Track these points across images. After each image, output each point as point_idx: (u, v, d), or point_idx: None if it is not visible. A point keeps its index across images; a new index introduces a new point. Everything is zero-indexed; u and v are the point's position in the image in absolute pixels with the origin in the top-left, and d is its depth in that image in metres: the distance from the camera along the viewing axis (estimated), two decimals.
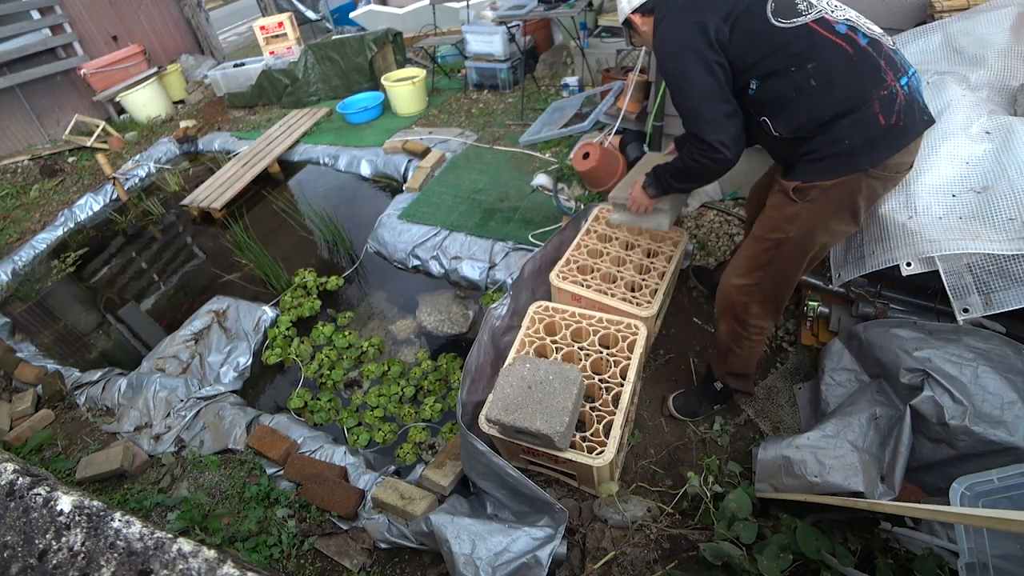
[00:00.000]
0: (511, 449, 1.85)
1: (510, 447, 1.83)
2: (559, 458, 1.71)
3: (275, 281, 3.19)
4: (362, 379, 2.63)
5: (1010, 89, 1.74)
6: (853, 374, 1.85)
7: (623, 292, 2.16)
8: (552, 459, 1.76)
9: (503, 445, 1.85)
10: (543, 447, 1.68)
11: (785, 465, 1.62)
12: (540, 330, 2.05)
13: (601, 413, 1.79)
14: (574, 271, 2.27)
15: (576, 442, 1.72)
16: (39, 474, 1.05)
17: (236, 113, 5.75)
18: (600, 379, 1.87)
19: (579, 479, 1.87)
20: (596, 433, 1.74)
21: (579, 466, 1.70)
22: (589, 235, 2.41)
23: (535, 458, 1.84)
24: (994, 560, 1.16)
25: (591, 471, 1.68)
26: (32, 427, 2.63)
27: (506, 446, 1.84)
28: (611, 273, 2.25)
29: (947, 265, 1.47)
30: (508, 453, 1.90)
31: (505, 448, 1.87)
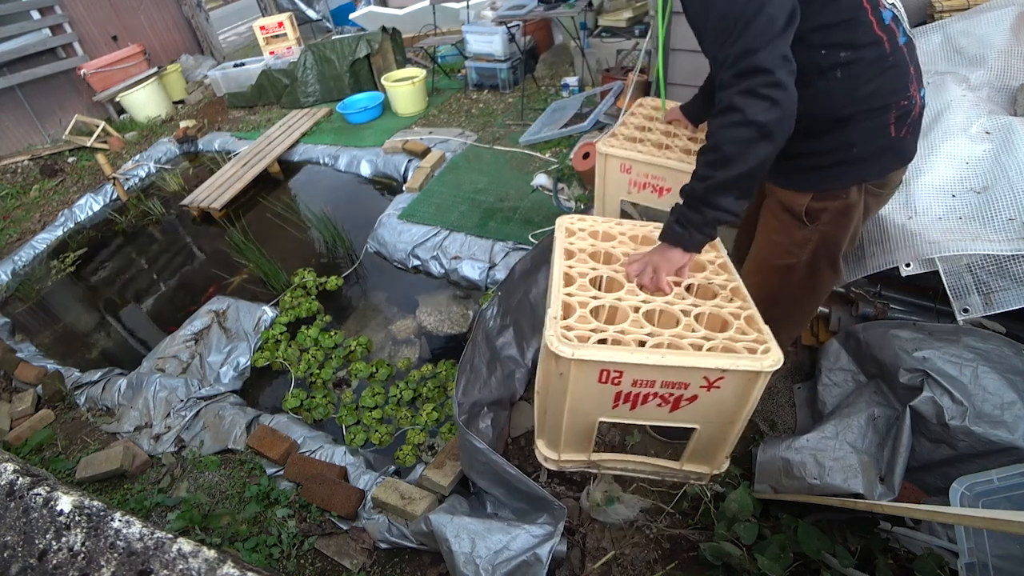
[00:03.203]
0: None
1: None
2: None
3: (274, 281, 3.19)
4: (350, 378, 2.63)
5: (1010, 89, 1.74)
6: (850, 374, 1.85)
7: (680, 155, 1.81)
8: (669, 399, 1.25)
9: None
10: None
11: (785, 467, 1.62)
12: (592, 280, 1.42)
13: (731, 309, 1.29)
14: (623, 141, 1.94)
15: (724, 344, 1.19)
16: (39, 474, 1.05)
17: (236, 113, 5.75)
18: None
19: (702, 432, 1.31)
20: (744, 330, 1.23)
21: (736, 378, 1.17)
22: (626, 125, 2.06)
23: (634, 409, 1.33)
24: (994, 560, 1.16)
25: (752, 381, 1.18)
26: (32, 427, 2.63)
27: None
28: (663, 142, 1.91)
29: (947, 265, 1.47)
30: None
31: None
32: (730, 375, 1.16)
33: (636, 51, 3.86)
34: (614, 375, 1.18)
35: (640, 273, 1.33)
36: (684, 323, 1.25)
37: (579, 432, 1.35)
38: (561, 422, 1.32)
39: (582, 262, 1.43)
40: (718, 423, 1.30)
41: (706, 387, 1.19)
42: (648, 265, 1.31)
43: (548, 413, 1.35)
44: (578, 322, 1.22)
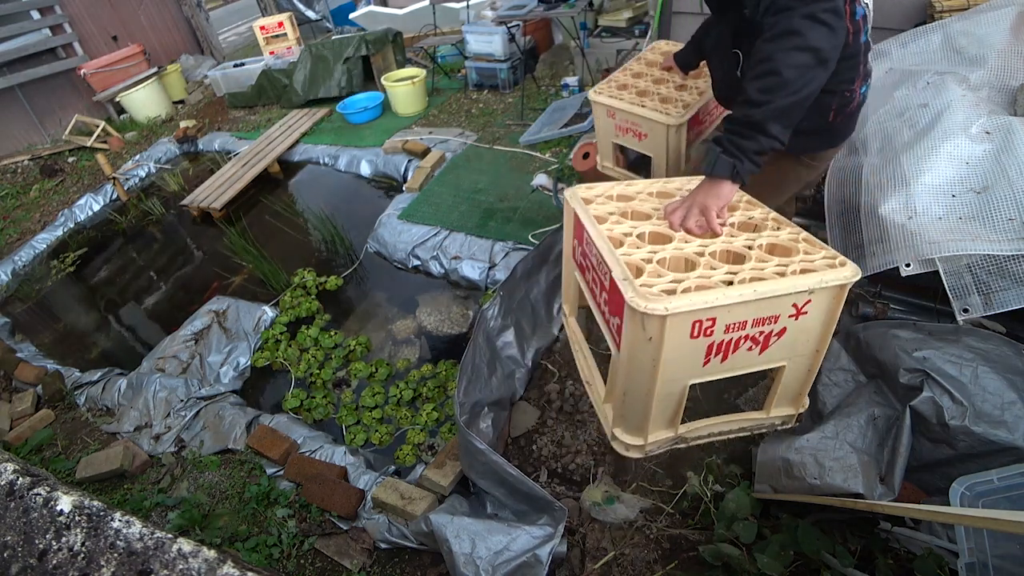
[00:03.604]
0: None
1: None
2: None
3: (274, 281, 3.19)
4: (350, 377, 2.63)
5: (1010, 89, 1.74)
6: (850, 374, 1.85)
7: (656, 104, 1.93)
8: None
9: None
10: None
11: (785, 467, 1.62)
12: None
13: (786, 235, 1.26)
14: (612, 88, 2.09)
15: (803, 267, 1.14)
16: (39, 474, 1.05)
17: (236, 113, 5.75)
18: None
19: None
20: (809, 251, 1.20)
21: (823, 297, 1.12)
22: (625, 72, 2.18)
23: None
24: (994, 560, 1.16)
25: (838, 297, 1.14)
26: (32, 427, 2.63)
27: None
28: (649, 90, 2.02)
29: (947, 265, 1.47)
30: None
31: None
32: (817, 295, 1.11)
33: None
34: (707, 325, 1.08)
35: (686, 217, 1.25)
36: (755, 257, 1.18)
37: (667, 405, 1.23)
38: (649, 399, 1.19)
39: (617, 223, 1.32)
40: (805, 354, 1.23)
41: (794, 315, 1.13)
42: (694, 207, 1.24)
43: (628, 394, 1.22)
44: (651, 278, 1.11)
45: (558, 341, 2.44)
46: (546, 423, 2.14)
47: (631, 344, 1.12)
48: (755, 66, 1.15)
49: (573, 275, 1.60)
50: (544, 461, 2.04)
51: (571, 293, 1.69)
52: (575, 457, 2.01)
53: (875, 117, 1.85)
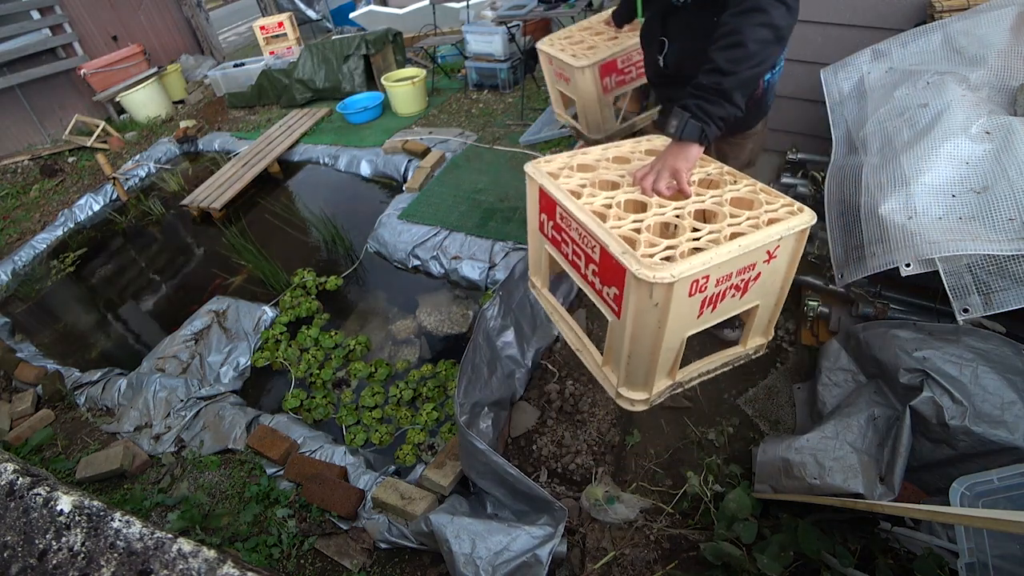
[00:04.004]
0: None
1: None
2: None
3: (274, 281, 3.18)
4: (350, 377, 2.63)
5: (1010, 89, 1.74)
6: (850, 374, 1.85)
7: (574, 50, 2.24)
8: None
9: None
10: None
11: (785, 467, 1.62)
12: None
13: (745, 188, 1.36)
14: (555, 39, 2.42)
15: (769, 218, 1.24)
16: (39, 474, 1.05)
17: (236, 113, 5.75)
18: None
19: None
20: (770, 201, 1.29)
21: (789, 242, 1.25)
22: (575, 27, 2.48)
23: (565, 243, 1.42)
24: (994, 560, 1.16)
25: (800, 240, 1.25)
26: (32, 427, 2.63)
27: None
28: (583, 40, 2.33)
29: (947, 265, 1.47)
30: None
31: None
32: (785, 241, 1.23)
33: None
34: (702, 283, 1.18)
35: (656, 181, 1.32)
36: (728, 213, 1.27)
37: (668, 358, 1.34)
38: (655, 356, 1.28)
39: (593, 196, 1.37)
40: (774, 292, 1.38)
41: (767, 260, 1.26)
42: (664, 170, 1.31)
43: (633, 355, 1.29)
44: (648, 248, 1.18)
45: (558, 341, 2.44)
46: (546, 423, 2.14)
47: (637, 311, 1.19)
48: (722, 38, 1.22)
49: (543, 249, 1.63)
50: (544, 461, 2.04)
51: (541, 266, 1.72)
52: (575, 457, 2.01)
53: (875, 117, 1.85)
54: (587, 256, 1.33)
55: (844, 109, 2.01)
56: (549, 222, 1.51)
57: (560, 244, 1.49)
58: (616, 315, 1.28)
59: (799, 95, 2.49)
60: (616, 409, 2.14)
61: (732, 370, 2.28)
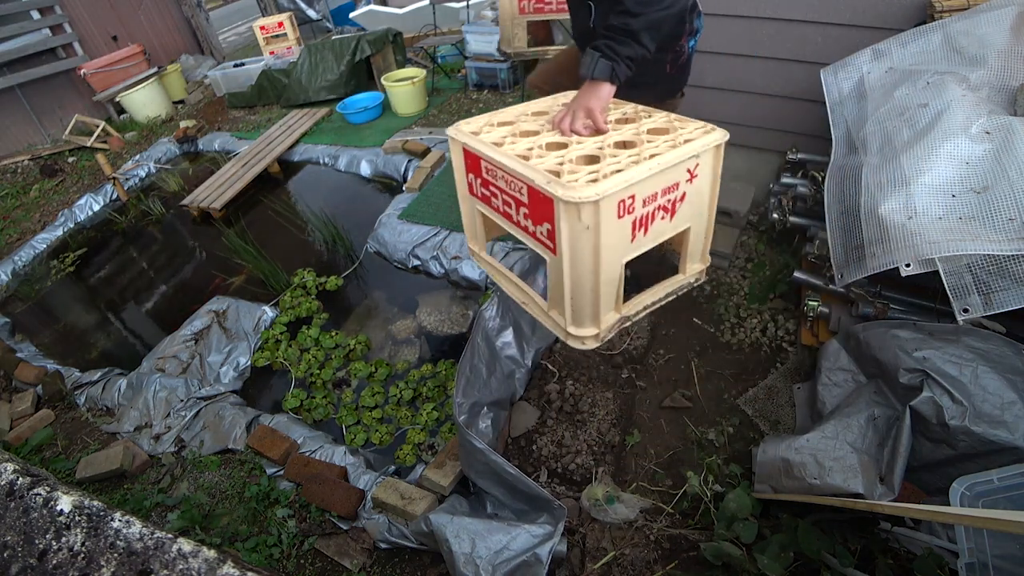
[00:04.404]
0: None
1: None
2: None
3: (274, 281, 3.18)
4: (350, 377, 2.63)
5: (1010, 89, 1.74)
6: (850, 374, 1.85)
7: None
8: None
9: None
10: None
11: (785, 467, 1.62)
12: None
13: (659, 120, 1.43)
14: None
15: (684, 139, 1.31)
16: (39, 474, 1.05)
17: (236, 113, 5.75)
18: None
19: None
20: (684, 125, 1.36)
21: (707, 159, 1.32)
22: None
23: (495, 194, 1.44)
24: (994, 560, 1.16)
25: (717, 156, 1.33)
26: (32, 427, 2.63)
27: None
28: None
29: (947, 265, 1.47)
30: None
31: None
32: (703, 158, 1.31)
33: None
34: (629, 203, 1.23)
35: (573, 121, 1.37)
36: (646, 140, 1.33)
37: (610, 289, 1.36)
38: (596, 287, 1.31)
39: (515, 144, 1.39)
40: (702, 213, 1.44)
41: (689, 180, 1.34)
42: (579, 110, 1.36)
43: (575, 290, 1.33)
44: (571, 175, 1.21)
45: (558, 341, 2.44)
46: (546, 423, 2.14)
47: (571, 239, 1.22)
48: None
49: (475, 211, 1.66)
50: (544, 461, 2.04)
51: (476, 229, 1.73)
52: (575, 457, 2.01)
53: (875, 117, 1.85)
54: (516, 201, 1.36)
55: (844, 109, 2.01)
56: (477, 180, 1.52)
57: (490, 200, 1.50)
58: (553, 252, 1.30)
59: (799, 95, 2.49)
60: (616, 409, 2.14)
61: (732, 371, 2.29)
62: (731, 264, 2.71)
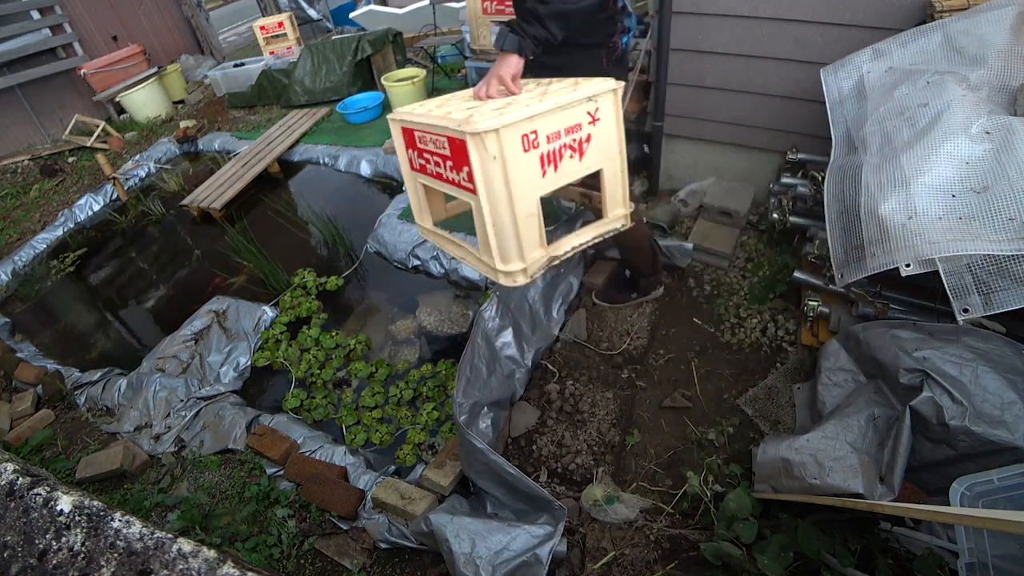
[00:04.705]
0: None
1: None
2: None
3: (274, 281, 3.19)
4: (351, 377, 2.63)
5: (1010, 89, 1.74)
6: (850, 374, 1.85)
7: None
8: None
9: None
10: None
11: (785, 467, 1.62)
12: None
13: (567, 83, 1.58)
14: None
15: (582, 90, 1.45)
16: (39, 474, 1.05)
17: (236, 113, 5.75)
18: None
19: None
20: (586, 83, 1.48)
21: (606, 103, 1.46)
22: None
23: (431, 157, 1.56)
24: (994, 560, 1.16)
25: (615, 102, 1.44)
26: (32, 427, 2.63)
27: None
28: None
29: (947, 265, 1.47)
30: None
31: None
32: (601, 102, 1.43)
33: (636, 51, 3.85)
34: (532, 138, 1.36)
35: (488, 87, 1.55)
36: (550, 91, 1.48)
37: (531, 225, 1.46)
38: (514, 219, 1.41)
39: (441, 110, 1.54)
40: (613, 156, 1.54)
41: (592, 122, 1.45)
42: (492, 78, 1.55)
43: (497, 225, 1.42)
44: (478, 117, 1.33)
45: (558, 341, 2.44)
46: (546, 423, 2.14)
47: (483, 172, 1.33)
48: None
49: (417, 185, 1.79)
50: (544, 461, 2.04)
51: (421, 204, 1.87)
52: (575, 457, 2.01)
53: (875, 116, 1.85)
54: (443, 156, 1.46)
55: (844, 108, 2.01)
56: (414, 152, 1.63)
57: (425, 167, 1.60)
58: (473, 192, 1.39)
59: (799, 95, 2.49)
60: (616, 409, 2.14)
61: (732, 371, 2.28)
62: (731, 264, 2.71)
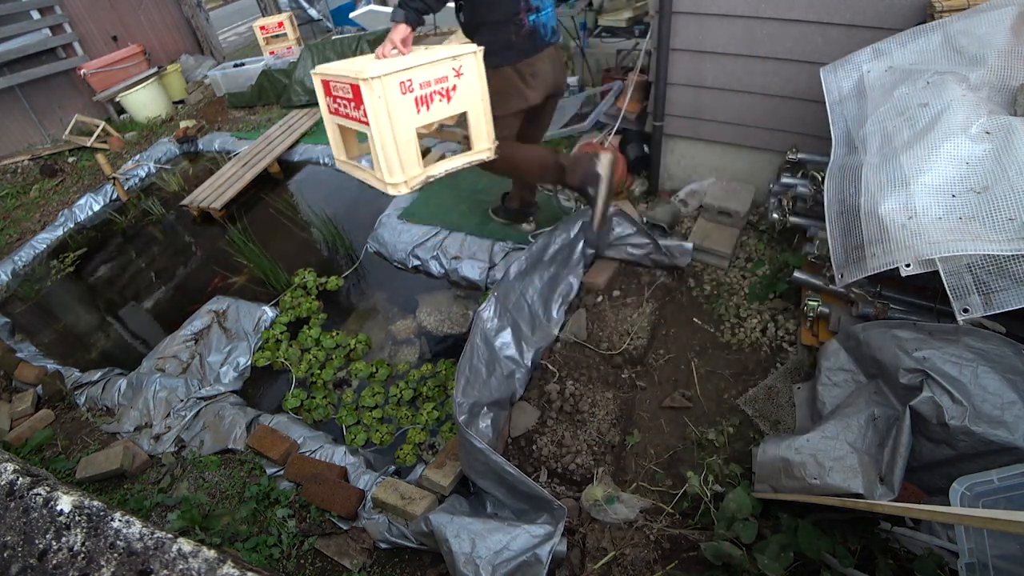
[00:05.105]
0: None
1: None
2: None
3: (274, 281, 3.19)
4: (351, 378, 2.63)
5: (1010, 89, 1.74)
6: (850, 374, 1.85)
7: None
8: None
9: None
10: None
11: (785, 467, 1.62)
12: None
13: (443, 49, 1.98)
14: None
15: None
16: (39, 474, 1.05)
17: (236, 113, 5.75)
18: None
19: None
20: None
21: (468, 63, 1.93)
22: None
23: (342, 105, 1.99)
24: (994, 560, 1.16)
25: (477, 63, 1.94)
26: (32, 427, 2.63)
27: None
28: None
29: (947, 265, 1.47)
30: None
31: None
32: (464, 61, 1.90)
33: (636, 51, 3.85)
34: (408, 84, 1.82)
35: (384, 50, 1.96)
36: (429, 52, 1.93)
37: (409, 149, 1.92)
38: (394, 143, 1.86)
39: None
40: (476, 102, 2.01)
41: (457, 75, 1.91)
42: (388, 42, 1.96)
43: (383, 145, 1.87)
44: (372, 70, 1.76)
45: (558, 341, 2.44)
46: (546, 423, 2.14)
47: (372, 108, 1.78)
48: None
49: (334, 125, 2.15)
50: (544, 461, 2.04)
51: (337, 141, 2.23)
52: (575, 457, 2.01)
53: (875, 116, 1.85)
54: (347, 100, 1.89)
55: (843, 108, 2.01)
56: (330, 99, 2.03)
57: (338, 110, 2.01)
58: (367, 124, 1.82)
59: (799, 95, 2.49)
60: (616, 409, 2.14)
61: (732, 371, 2.28)
62: (731, 264, 2.71)
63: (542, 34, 2.18)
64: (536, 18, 2.13)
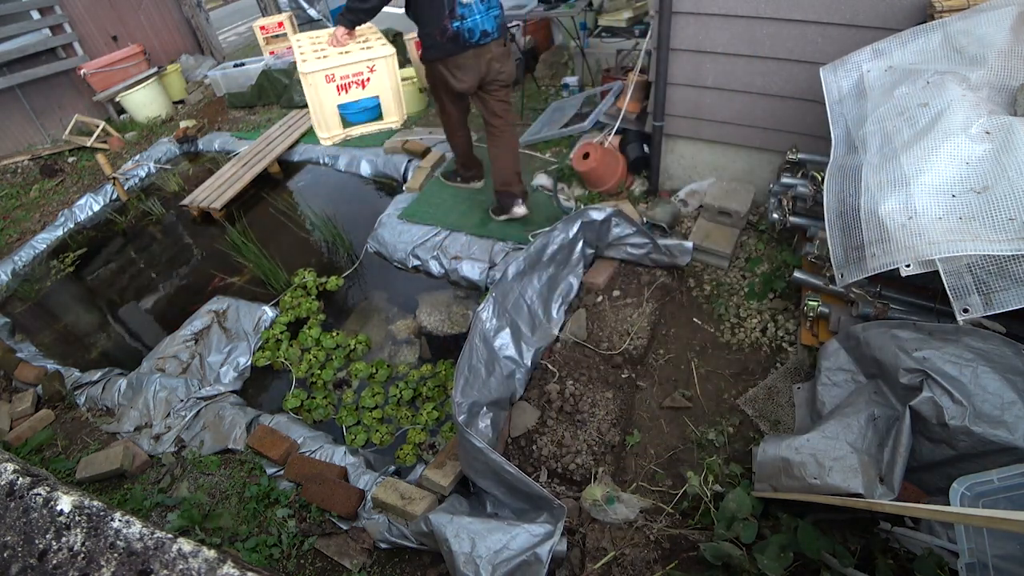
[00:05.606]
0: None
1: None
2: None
3: (274, 281, 3.19)
4: (351, 378, 2.63)
5: (1010, 89, 1.74)
6: (850, 374, 1.85)
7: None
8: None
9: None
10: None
11: (785, 466, 1.62)
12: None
13: (367, 44, 2.84)
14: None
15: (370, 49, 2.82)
16: (39, 474, 1.05)
17: (236, 113, 5.75)
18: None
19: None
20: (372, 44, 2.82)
21: (381, 65, 2.78)
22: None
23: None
24: (994, 560, 1.16)
25: (391, 64, 2.82)
26: (32, 427, 2.63)
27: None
28: None
29: (947, 265, 1.47)
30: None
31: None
32: (378, 62, 2.73)
33: (636, 51, 3.85)
34: (331, 76, 2.70)
35: (331, 39, 2.76)
36: (356, 49, 2.79)
37: (332, 116, 2.93)
38: (324, 113, 2.86)
39: (317, 55, 2.79)
40: (386, 89, 2.86)
41: (371, 71, 2.74)
42: (331, 37, 2.77)
43: (317, 113, 2.86)
44: (312, 61, 2.69)
45: (558, 341, 2.44)
46: (546, 423, 2.14)
47: (309, 90, 2.76)
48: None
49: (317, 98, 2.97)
50: (544, 461, 2.04)
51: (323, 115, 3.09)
52: (575, 457, 2.01)
53: (875, 116, 1.85)
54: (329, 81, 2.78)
55: (843, 108, 2.01)
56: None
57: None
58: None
59: (799, 95, 2.49)
60: (616, 409, 2.14)
61: (732, 371, 2.28)
62: (731, 264, 2.71)
63: (467, 37, 2.53)
64: (460, 24, 2.48)
